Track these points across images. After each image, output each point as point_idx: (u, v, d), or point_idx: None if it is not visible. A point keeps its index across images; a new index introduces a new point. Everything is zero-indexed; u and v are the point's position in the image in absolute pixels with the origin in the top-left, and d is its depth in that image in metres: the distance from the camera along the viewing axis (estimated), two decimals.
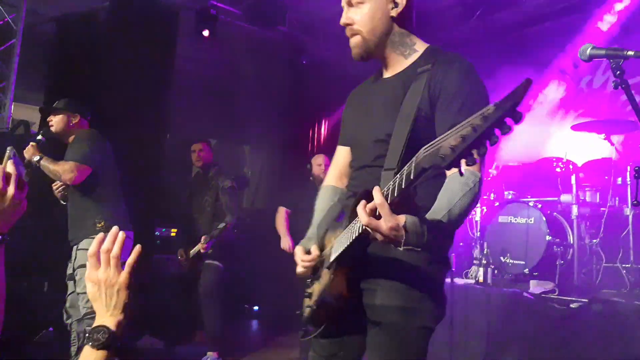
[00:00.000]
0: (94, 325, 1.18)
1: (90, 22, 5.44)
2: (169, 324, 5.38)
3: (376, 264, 1.59)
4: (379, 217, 1.30)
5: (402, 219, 1.30)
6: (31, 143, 3.35)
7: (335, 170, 2.01)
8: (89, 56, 5.24)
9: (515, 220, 4.35)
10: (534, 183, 4.70)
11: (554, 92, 5.72)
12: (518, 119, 0.96)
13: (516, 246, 4.26)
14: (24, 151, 3.31)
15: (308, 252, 1.75)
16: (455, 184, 1.45)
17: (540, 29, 5.79)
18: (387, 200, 1.26)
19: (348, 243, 1.47)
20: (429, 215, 1.40)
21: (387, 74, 1.78)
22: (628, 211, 3.85)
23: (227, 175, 4.73)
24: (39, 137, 3.43)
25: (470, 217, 4.73)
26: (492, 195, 4.81)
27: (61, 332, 3.88)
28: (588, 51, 1.84)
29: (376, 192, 1.27)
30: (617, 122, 4.38)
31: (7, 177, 1.30)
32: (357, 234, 1.41)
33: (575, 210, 4.07)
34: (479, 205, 4.65)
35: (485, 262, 4.37)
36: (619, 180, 4.06)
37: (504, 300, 3.86)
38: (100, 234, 1.22)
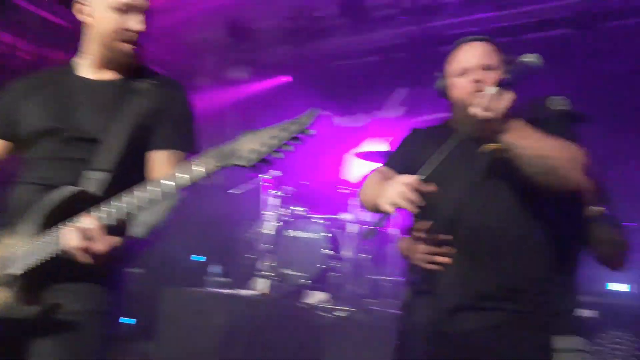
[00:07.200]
0: None
1: None
2: None
3: (62, 269, 1.49)
4: (89, 238, 1.34)
5: (118, 240, 1.37)
6: None
7: None
8: None
9: (302, 234, 4.64)
10: (322, 201, 5.05)
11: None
12: (308, 135, 1.24)
13: (300, 259, 4.52)
14: None
15: None
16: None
17: None
18: (108, 222, 1.35)
19: (46, 256, 1.41)
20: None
21: (90, 74, 1.75)
22: (393, 231, 4.31)
23: None
24: None
25: (259, 229, 4.89)
26: (285, 210, 5.01)
27: None
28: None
29: (92, 219, 1.34)
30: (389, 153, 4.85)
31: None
32: (58, 250, 1.39)
33: (352, 227, 4.46)
34: (275, 220, 4.81)
35: (270, 273, 4.55)
36: None
37: (274, 310, 4.05)
38: None
